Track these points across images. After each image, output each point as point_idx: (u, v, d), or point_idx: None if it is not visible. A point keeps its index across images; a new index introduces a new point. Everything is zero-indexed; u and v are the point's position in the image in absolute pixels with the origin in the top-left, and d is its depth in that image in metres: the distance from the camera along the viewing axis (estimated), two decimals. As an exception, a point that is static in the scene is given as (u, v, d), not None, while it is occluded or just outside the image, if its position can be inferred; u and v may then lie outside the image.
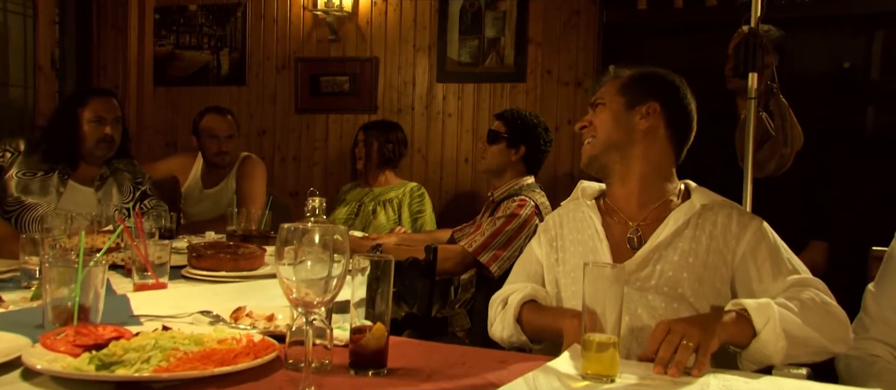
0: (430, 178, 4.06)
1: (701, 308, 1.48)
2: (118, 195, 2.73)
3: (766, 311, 1.28)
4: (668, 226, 1.53)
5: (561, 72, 3.78)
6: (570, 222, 1.66)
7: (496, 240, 2.48)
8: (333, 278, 1.01)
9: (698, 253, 1.51)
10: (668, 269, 1.51)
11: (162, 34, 4.52)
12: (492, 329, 1.65)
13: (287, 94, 4.36)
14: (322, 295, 1.00)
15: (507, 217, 2.52)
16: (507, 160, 2.73)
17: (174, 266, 2.11)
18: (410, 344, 1.40)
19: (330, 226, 1.03)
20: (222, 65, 4.46)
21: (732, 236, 1.51)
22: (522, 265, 1.73)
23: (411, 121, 4.10)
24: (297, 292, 1.00)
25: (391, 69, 4.13)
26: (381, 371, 1.16)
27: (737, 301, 1.34)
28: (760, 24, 1.89)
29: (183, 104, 4.55)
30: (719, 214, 1.54)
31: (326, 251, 1.01)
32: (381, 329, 1.16)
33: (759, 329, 1.28)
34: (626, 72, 1.67)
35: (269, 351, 1.12)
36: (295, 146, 4.37)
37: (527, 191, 2.63)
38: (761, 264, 1.47)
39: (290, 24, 4.32)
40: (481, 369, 1.21)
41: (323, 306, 1.01)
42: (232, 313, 1.41)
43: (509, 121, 2.74)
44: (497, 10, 3.86)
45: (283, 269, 0.99)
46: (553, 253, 1.65)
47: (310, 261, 1.01)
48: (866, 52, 3.05)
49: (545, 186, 3.77)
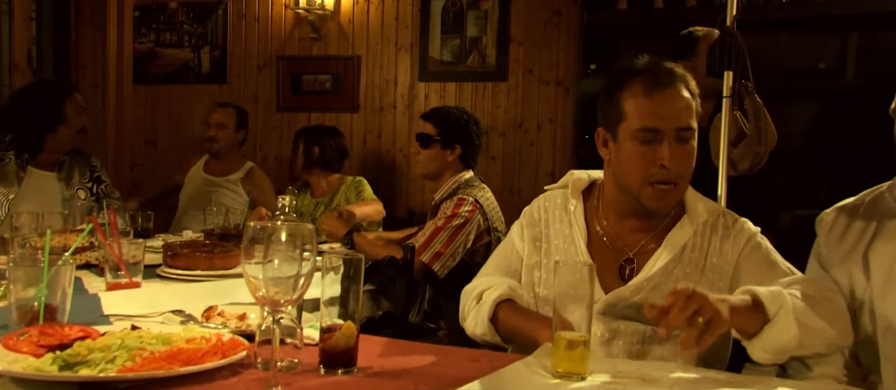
0: (411, 177, 4.06)
1: None
2: (78, 177, 2.85)
3: (779, 298, 1.23)
4: (664, 256, 1.45)
5: (542, 71, 3.79)
6: (556, 223, 1.57)
7: (437, 239, 2.44)
8: (301, 277, 1.00)
9: (694, 277, 1.44)
10: (658, 298, 1.39)
11: (142, 32, 4.48)
12: (465, 323, 1.59)
13: (268, 93, 4.33)
14: (289, 294, 1.00)
15: (446, 217, 2.49)
16: (443, 162, 2.64)
17: (150, 265, 2.10)
18: (384, 342, 1.40)
19: (298, 225, 1.03)
20: (203, 63, 4.43)
21: (727, 246, 1.45)
22: (501, 257, 1.64)
23: (393, 119, 4.09)
24: (264, 291, 0.99)
25: (373, 68, 4.12)
26: (351, 369, 1.15)
27: (746, 288, 1.27)
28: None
29: (163, 102, 4.52)
30: (714, 227, 1.47)
31: (293, 249, 1.01)
32: (350, 327, 1.15)
33: (771, 315, 1.22)
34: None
35: (238, 350, 1.11)
36: (276, 145, 4.35)
37: (465, 189, 2.58)
38: (757, 268, 1.42)
39: (271, 23, 4.30)
40: (453, 368, 1.21)
41: (290, 305, 1.01)
42: (203, 312, 1.40)
43: (440, 122, 2.64)
44: (479, 9, 3.86)
45: (249, 268, 0.99)
46: (535, 253, 1.57)
47: (277, 260, 1.00)
48: (841, 53, 3.09)
49: (526, 187, 3.79)
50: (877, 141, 3.13)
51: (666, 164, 1.38)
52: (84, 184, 2.85)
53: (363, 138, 4.16)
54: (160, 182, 4.39)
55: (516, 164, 3.84)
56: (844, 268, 1.38)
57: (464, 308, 1.59)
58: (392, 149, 4.11)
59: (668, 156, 1.38)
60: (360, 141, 4.16)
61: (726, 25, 1.94)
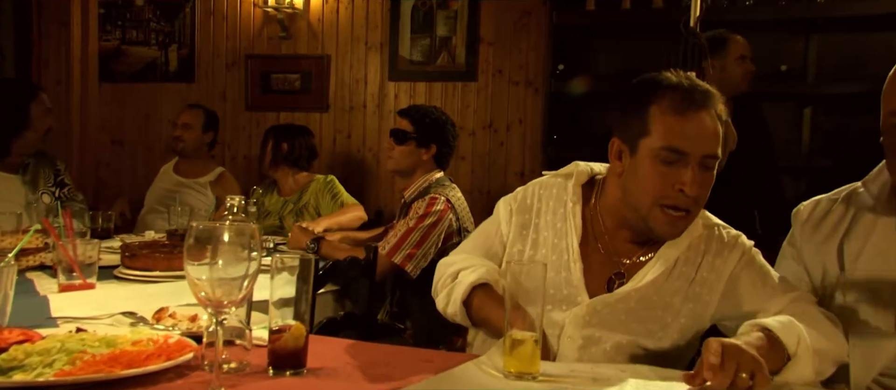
0: (381, 177, 4.04)
1: (665, 338, 1.39)
2: (43, 181, 2.82)
3: (795, 332, 1.19)
4: (655, 268, 1.40)
5: (512, 71, 3.80)
6: (548, 214, 1.49)
7: (409, 240, 2.45)
8: (245, 278, 0.99)
9: (683, 291, 1.40)
10: (644, 310, 1.38)
11: (107, 29, 4.40)
12: (436, 298, 1.53)
13: (237, 92, 4.29)
14: (233, 295, 0.98)
15: (418, 216, 2.49)
16: (416, 160, 2.65)
17: (108, 266, 2.07)
18: (338, 343, 1.39)
19: (242, 225, 1.01)
20: (170, 61, 4.37)
21: (721, 260, 1.41)
22: (484, 236, 1.56)
23: (363, 119, 4.07)
24: (207, 292, 0.98)
25: (343, 67, 4.09)
26: (300, 371, 1.14)
27: (755, 323, 1.22)
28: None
29: (130, 101, 4.45)
30: (708, 241, 1.43)
31: (238, 250, 0.99)
32: (299, 328, 1.14)
33: (792, 352, 1.18)
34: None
35: (184, 352, 1.10)
36: (245, 144, 4.30)
37: (437, 188, 2.59)
38: (751, 284, 1.38)
39: (240, 21, 4.25)
40: (405, 368, 1.20)
41: (234, 306, 0.99)
42: (154, 314, 1.38)
43: (417, 120, 2.65)
44: (448, 9, 3.86)
45: (191, 269, 0.97)
46: (520, 242, 1.49)
47: (221, 261, 0.99)
48: (803, 55, 3.14)
49: (496, 187, 3.79)
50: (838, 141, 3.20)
51: (686, 190, 1.30)
52: (48, 189, 2.82)
53: (333, 138, 4.14)
54: (127, 182, 4.36)
55: (486, 165, 3.85)
56: (818, 258, 1.40)
57: (437, 283, 1.53)
58: (362, 149, 4.09)
59: (690, 181, 1.30)
60: (330, 140, 4.14)
61: (689, 26, 1.95)
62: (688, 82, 1.35)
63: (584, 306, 1.40)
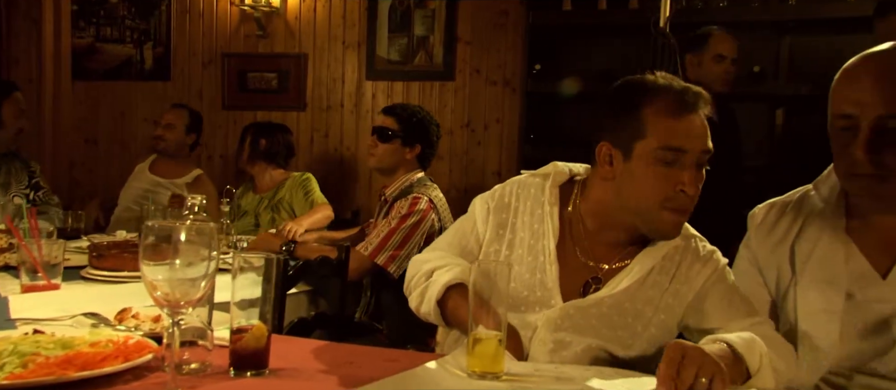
0: (359, 176, 4.03)
1: (634, 347, 1.39)
2: (16, 183, 2.79)
3: (756, 351, 1.19)
4: (631, 275, 1.40)
5: (489, 71, 3.80)
6: (525, 214, 1.48)
7: (391, 241, 2.44)
8: (203, 278, 0.98)
9: (655, 300, 1.40)
10: (616, 316, 1.38)
11: (80, 26, 4.34)
12: (408, 296, 1.51)
13: (213, 91, 4.25)
14: (190, 296, 0.97)
15: (401, 216, 2.49)
16: (400, 158, 2.64)
17: (75, 266, 2.04)
18: (304, 343, 1.38)
19: (201, 225, 1.00)
20: (146, 59, 4.33)
21: (693, 273, 1.41)
22: (460, 234, 1.54)
23: (341, 118, 4.06)
24: (163, 292, 0.96)
25: (320, 66, 4.07)
26: (262, 371, 1.13)
27: (717, 337, 1.22)
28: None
29: (104, 99, 4.39)
30: (684, 252, 1.43)
31: (195, 250, 0.98)
32: (261, 329, 1.13)
33: (754, 371, 1.18)
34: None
35: (144, 353, 1.08)
36: (221, 143, 4.27)
37: (419, 188, 2.59)
38: (718, 301, 1.38)
39: (216, 19, 4.22)
40: (370, 368, 1.20)
41: (191, 306, 0.98)
42: (116, 314, 1.36)
43: (404, 119, 2.65)
44: (426, 8, 3.85)
45: (147, 269, 0.96)
46: (496, 241, 1.48)
47: (178, 260, 0.98)
48: (775, 56, 3.18)
49: (473, 187, 3.80)
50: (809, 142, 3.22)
51: (686, 189, 1.31)
52: (21, 191, 2.77)
53: (310, 137, 4.12)
54: (102, 182, 4.30)
55: (463, 164, 3.85)
56: (772, 260, 1.41)
57: (410, 281, 1.51)
58: (339, 148, 4.08)
59: (690, 180, 1.30)
60: (307, 140, 4.11)
61: (659, 26, 1.97)
62: (678, 84, 1.36)
63: (557, 309, 1.39)
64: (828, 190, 1.36)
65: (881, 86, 1.20)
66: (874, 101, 1.19)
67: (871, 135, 1.19)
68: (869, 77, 1.21)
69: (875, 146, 1.19)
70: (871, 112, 1.19)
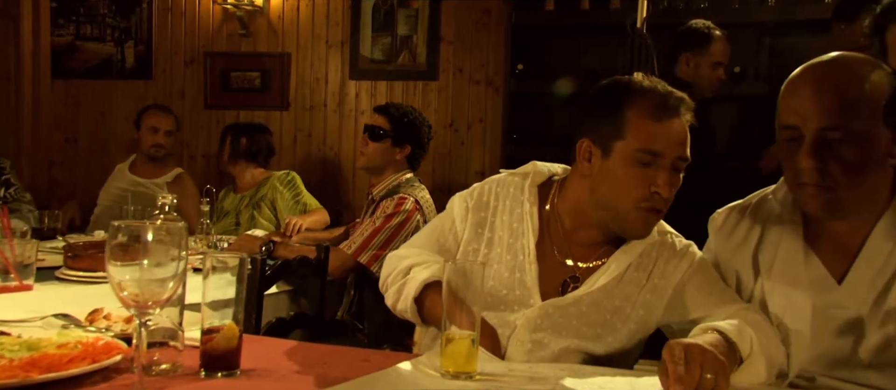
0: (342, 176, 4.02)
1: (614, 343, 1.39)
2: None
3: (747, 337, 1.21)
4: (608, 272, 1.41)
5: (473, 71, 3.80)
6: (504, 213, 1.48)
7: (375, 240, 2.44)
8: (172, 279, 0.97)
9: (633, 296, 1.41)
10: (595, 313, 1.39)
11: (60, 24, 4.30)
12: (385, 293, 1.50)
13: (196, 90, 4.22)
14: (158, 296, 0.96)
15: (386, 216, 2.48)
16: (390, 158, 2.65)
17: (50, 267, 2.02)
18: (279, 344, 1.37)
19: (169, 224, 0.99)
20: (127, 58, 4.28)
21: (671, 268, 1.42)
22: (437, 232, 1.54)
23: (324, 118, 4.04)
24: (130, 292, 0.95)
25: (303, 65, 4.05)
26: (233, 372, 1.12)
27: (707, 326, 1.23)
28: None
29: (85, 98, 4.35)
30: (661, 248, 1.44)
31: (164, 250, 0.97)
32: (232, 329, 1.12)
33: (745, 356, 1.20)
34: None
35: (112, 354, 1.07)
36: (204, 143, 4.23)
37: (406, 188, 2.59)
38: (698, 291, 1.39)
39: (198, 18, 4.19)
40: (342, 368, 1.19)
41: (159, 307, 0.97)
42: (88, 315, 1.35)
43: (395, 119, 2.65)
44: (409, 7, 3.85)
45: (113, 269, 0.95)
46: (475, 240, 1.47)
47: (146, 261, 0.97)
48: (755, 57, 3.20)
49: (457, 186, 3.79)
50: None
51: (661, 191, 1.33)
52: None
53: (293, 137, 4.10)
54: (81, 182, 4.26)
55: (447, 163, 3.84)
56: (731, 265, 1.42)
57: (387, 278, 1.50)
58: (323, 148, 4.06)
59: (664, 182, 1.33)
60: (291, 139, 4.09)
61: (636, 27, 1.98)
62: (662, 88, 1.38)
63: (536, 308, 1.39)
64: (783, 194, 1.38)
65: (821, 97, 1.21)
66: (815, 113, 1.21)
67: (813, 146, 1.21)
68: (809, 88, 1.23)
69: (818, 157, 1.20)
70: (813, 123, 1.21)
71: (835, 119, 1.20)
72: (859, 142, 1.20)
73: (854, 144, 1.20)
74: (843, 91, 1.21)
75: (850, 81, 1.22)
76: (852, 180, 1.21)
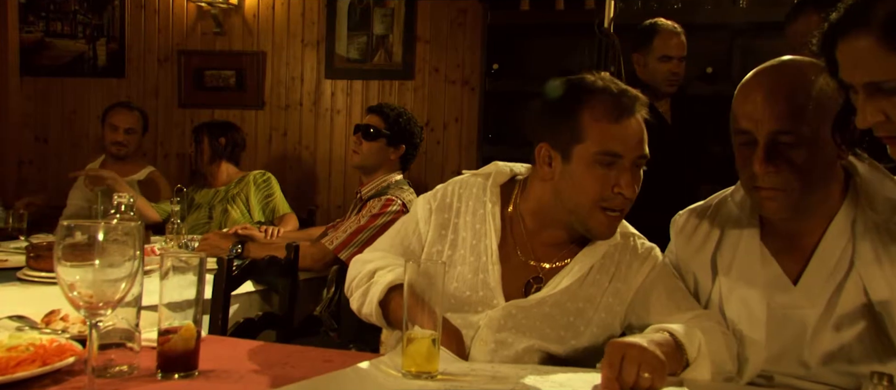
0: (318, 175, 3.99)
1: (577, 346, 1.40)
2: None
3: (696, 340, 1.23)
4: (571, 274, 1.41)
5: (448, 70, 3.80)
6: (467, 214, 1.47)
7: (358, 238, 2.44)
8: (124, 280, 0.95)
9: (596, 299, 1.41)
10: (558, 315, 1.39)
11: (29, 20, 4.23)
12: (350, 297, 1.49)
13: (169, 88, 4.17)
14: (109, 297, 0.95)
15: (371, 216, 2.48)
16: (384, 158, 2.65)
17: (12, 268, 1.99)
18: (241, 344, 1.36)
19: (122, 224, 0.98)
20: (99, 55, 4.23)
21: (632, 272, 1.42)
22: (402, 235, 1.53)
23: (299, 117, 4.02)
24: (82, 294, 0.94)
25: (279, 64, 4.03)
26: (191, 373, 1.11)
27: (660, 326, 1.26)
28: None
29: (55, 96, 4.28)
30: (623, 250, 1.44)
31: (117, 249, 0.96)
32: (190, 329, 1.11)
33: (691, 359, 1.22)
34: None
35: (65, 356, 1.05)
36: (178, 142, 4.19)
37: (394, 190, 2.60)
38: (657, 295, 1.40)
39: (172, 15, 4.14)
40: (303, 369, 1.18)
41: (110, 308, 0.96)
42: (44, 317, 1.32)
43: (390, 120, 2.65)
44: (385, 7, 3.83)
45: (62, 270, 0.93)
46: (439, 242, 1.47)
47: (99, 261, 0.95)
48: (727, 57, 3.23)
49: (433, 185, 3.77)
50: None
51: (623, 191, 1.34)
52: None
53: (268, 136, 4.07)
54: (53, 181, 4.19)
55: (423, 163, 3.83)
56: (690, 268, 1.43)
57: (352, 282, 1.49)
58: (298, 147, 4.03)
59: (626, 183, 1.33)
60: (266, 138, 4.07)
61: (603, 27, 1.98)
62: (615, 87, 1.37)
63: (500, 309, 1.39)
64: (741, 196, 1.39)
65: (772, 101, 1.23)
66: (766, 117, 1.22)
67: (766, 150, 1.22)
68: (760, 93, 1.24)
69: (771, 160, 1.22)
70: (765, 128, 1.22)
71: (786, 123, 1.22)
72: (810, 145, 1.22)
73: (805, 147, 1.22)
74: (792, 96, 1.22)
75: (798, 86, 1.23)
76: (805, 182, 1.23)
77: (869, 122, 1.01)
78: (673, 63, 2.71)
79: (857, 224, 1.27)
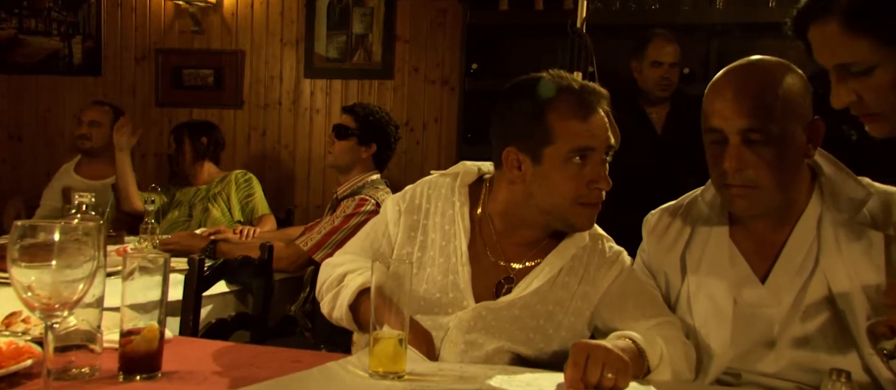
0: (296, 175, 3.97)
1: (546, 349, 1.39)
2: None
3: (657, 348, 1.24)
4: (542, 276, 1.40)
5: (428, 70, 3.79)
6: (436, 215, 1.46)
7: (332, 239, 2.43)
8: (81, 281, 0.94)
9: (565, 302, 1.40)
10: (528, 318, 1.38)
11: (2, 17, 4.16)
12: (321, 301, 1.48)
13: (147, 87, 4.13)
14: (66, 298, 0.93)
15: (346, 216, 2.48)
16: (356, 157, 2.65)
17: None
18: (208, 345, 1.35)
19: (80, 224, 0.96)
20: (75, 53, 4.17)
21: (600, 275, 1.42)
22: (371, 237, 1.51)
23: (278, 116, 3.99)
24: (37, 295, 0.92)
25: (258, 63, 4.00)
26: (154, 375, 1.10)
27: (623, 333, 1.26)
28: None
29: (29, 94, 4.23)
30: (592, 253, 1.44)
31: (75, 249, 0.94)
32: (153, 330, 1.10)
33: (653, 366, 1.23)
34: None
35: (22, 359, 1.03)
36: (155, 141, 4.15)
37: (369, 190, 2.59)
38: (624, 302, 1.40)
39: (150, 13, 4.10)
40: (269, 369, 1.17)
41: (67, 309, 0.94)
42: (4, 319, 1.30)
43: (361, 118, 2.66)
44: (365, 6, 3.82)
45: (17, 271, 0.91)
46: (408, 244, 1.45)
47: (55, 261, 0.93)
48: (704, 59, 3.25)
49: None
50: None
51: (599, 185, 1.34)
52: None
53: (247, 135, 4.04)
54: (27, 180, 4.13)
55: (402, 163, 3.82)
56: (663, 265, 1.44)
57: (322, 286, 1.48)
58: (277, 147, 4.01)
59: (601, 176, 1.34)
60: (245, 138, 4.04)
61: (576, 27, 1.99)
62: (576, 84, 1.37)
63: (470, 311, 1.38)
64: (711, 195, 1.40)
65: (741, 99, 1.24)
66: (736, 115, 1.24)
67: (736, 147, 1.24)
68: (730, 91, 1.26)
69: (741, 158, 1.24)
70: (735, 125, 1.24)
71: (755, 121, 1.23)
72: (778, 143, 1.24)
73: (774, 145, 1.24)
74: (761, 95, 1.24)
75: (767, 85, 1.25)
76: (773, 180, 1.25)
77: (843, 102, 1.05)
78: (664, 68, 2.83)
79: (823, 222, 1.28)
